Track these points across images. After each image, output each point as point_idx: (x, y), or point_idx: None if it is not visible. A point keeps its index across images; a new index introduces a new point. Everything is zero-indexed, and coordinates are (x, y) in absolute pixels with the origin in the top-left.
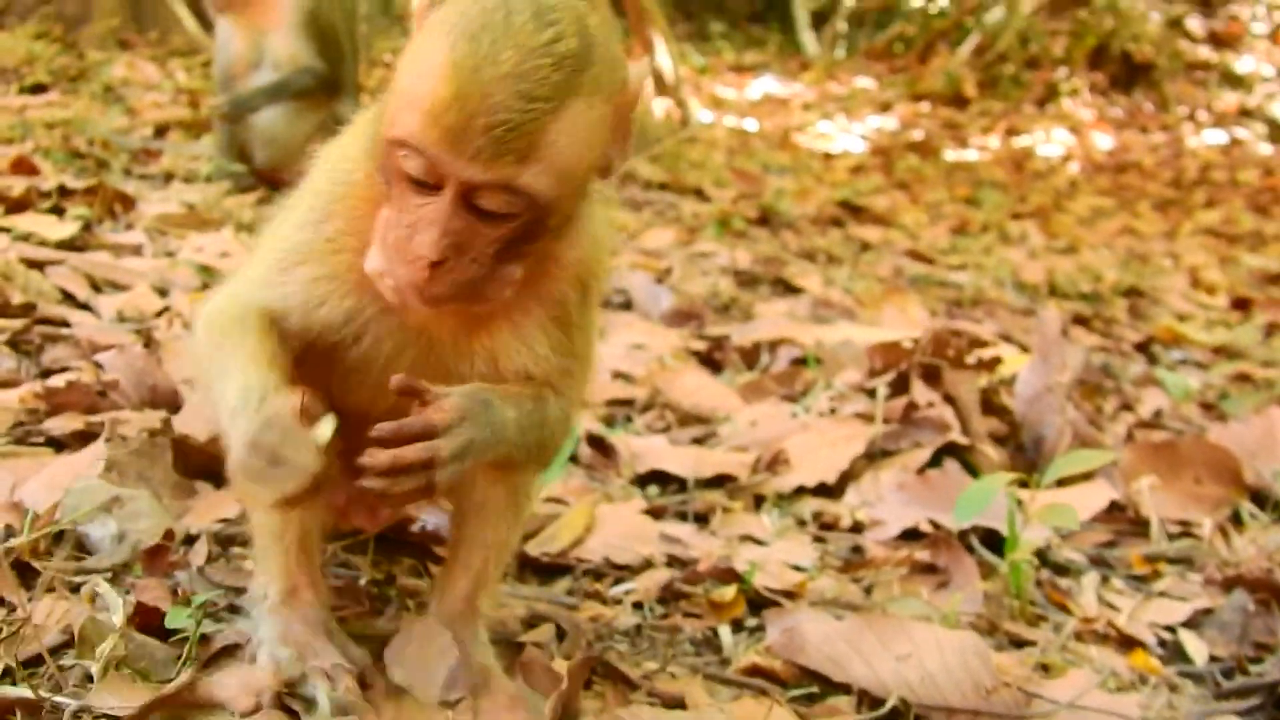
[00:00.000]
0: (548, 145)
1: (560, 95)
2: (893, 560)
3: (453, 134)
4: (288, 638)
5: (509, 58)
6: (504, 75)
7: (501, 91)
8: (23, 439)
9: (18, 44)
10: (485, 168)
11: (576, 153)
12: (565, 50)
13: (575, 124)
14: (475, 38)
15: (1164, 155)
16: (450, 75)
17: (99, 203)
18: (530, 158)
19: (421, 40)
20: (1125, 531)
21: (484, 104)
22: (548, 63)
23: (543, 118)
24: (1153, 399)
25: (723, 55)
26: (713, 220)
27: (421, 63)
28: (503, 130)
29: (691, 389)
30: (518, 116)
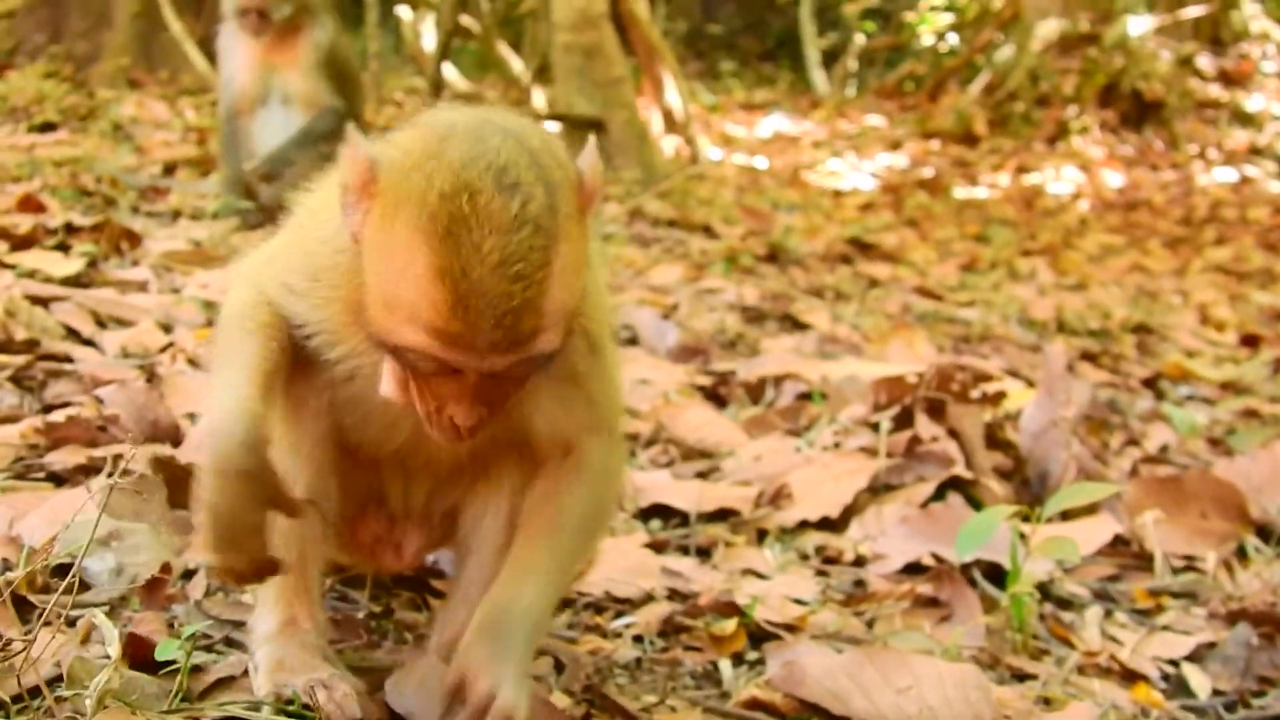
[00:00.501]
0: (551, 304)
1: (548, 253)
2: (895, 594)
3: (464, 341)
4: (284, 664)
5: (493, 246)
6: (495, 267)
7: (498, 284)
8: (23, 474)
9: (28, 83)
10: (504, 356)
11: (574, 288)
12: (537, 209)
13: (565, 266)
14: (451, 234)
15: (1174, 193)
16: (443, 283)
17: (105, 239)
18: (540, 327)
19: (390, 235)
20: (1129, 565)
21: (486, 303)
22: (528, 233)
23: (541, 285)
24: (1159, 434)
25: (733, 93)
26: (721, 257)
27: (402, 266)
28: (510, 319)
29: (696, 424)
30: (520, 301)
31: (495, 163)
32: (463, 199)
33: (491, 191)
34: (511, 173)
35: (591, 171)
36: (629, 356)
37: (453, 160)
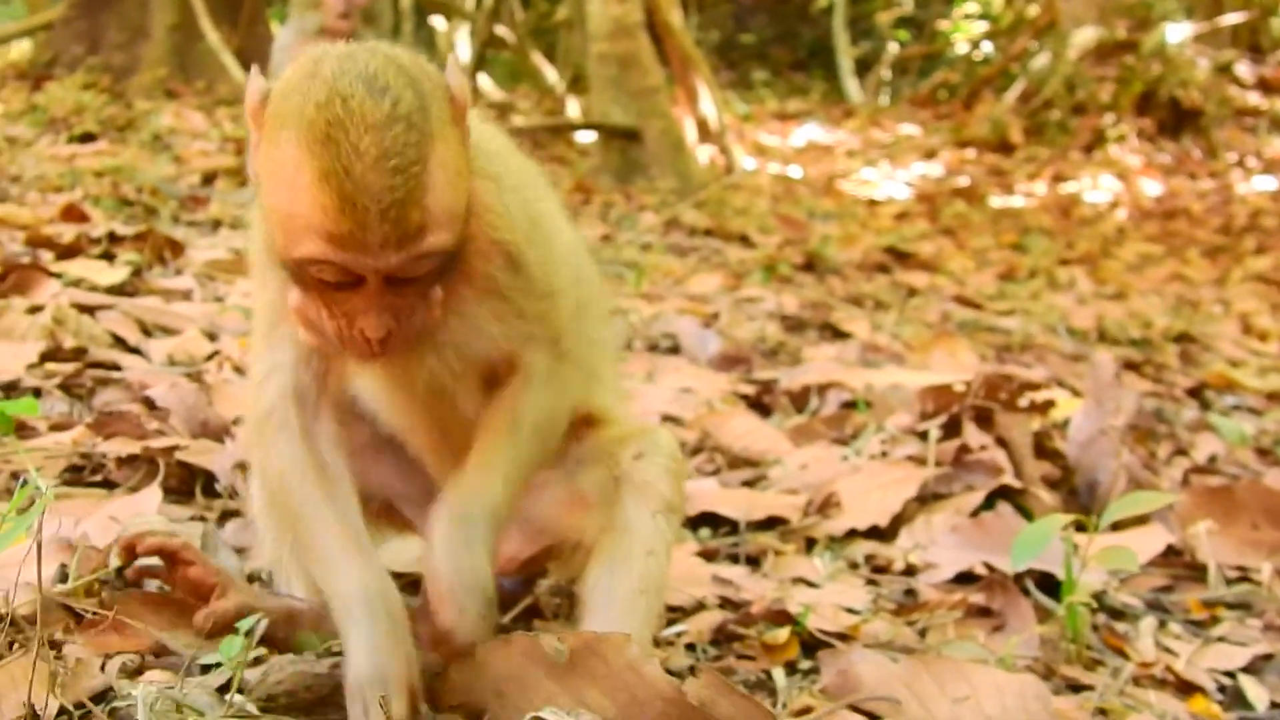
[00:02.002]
0: (434, 199)
1: (423, 149)
2: (947, 603)
3: (355, 237)
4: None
5: (369, 143)
6: (373, 162)
7: (379, 178)
8: (77, 480)
9: (67, 94)
10: (396, 252)
11: (454, 186)
12: (408, 108)
13: (444, 164)
14: (330, 139)
15: (1213, 201)
16: (328, 185)
17: (149, 249)
18: (428, 220)
19: (277, 153)
20: (1182, 576)
21: (370, 198)
22: (401, 129)
23: (420, 179)
24: (1207, 444)
25: (766, 103)
26: (759, 266)
27: (290, 179)
28: (396, 212)
29: (741, 432)
30: (402, 193)
31: (364, 72)
32: (337, 104)
33: (363, 95)
34: (381, 78)
35: (458, 83)
36: (671, 365)
37: (325, 74)
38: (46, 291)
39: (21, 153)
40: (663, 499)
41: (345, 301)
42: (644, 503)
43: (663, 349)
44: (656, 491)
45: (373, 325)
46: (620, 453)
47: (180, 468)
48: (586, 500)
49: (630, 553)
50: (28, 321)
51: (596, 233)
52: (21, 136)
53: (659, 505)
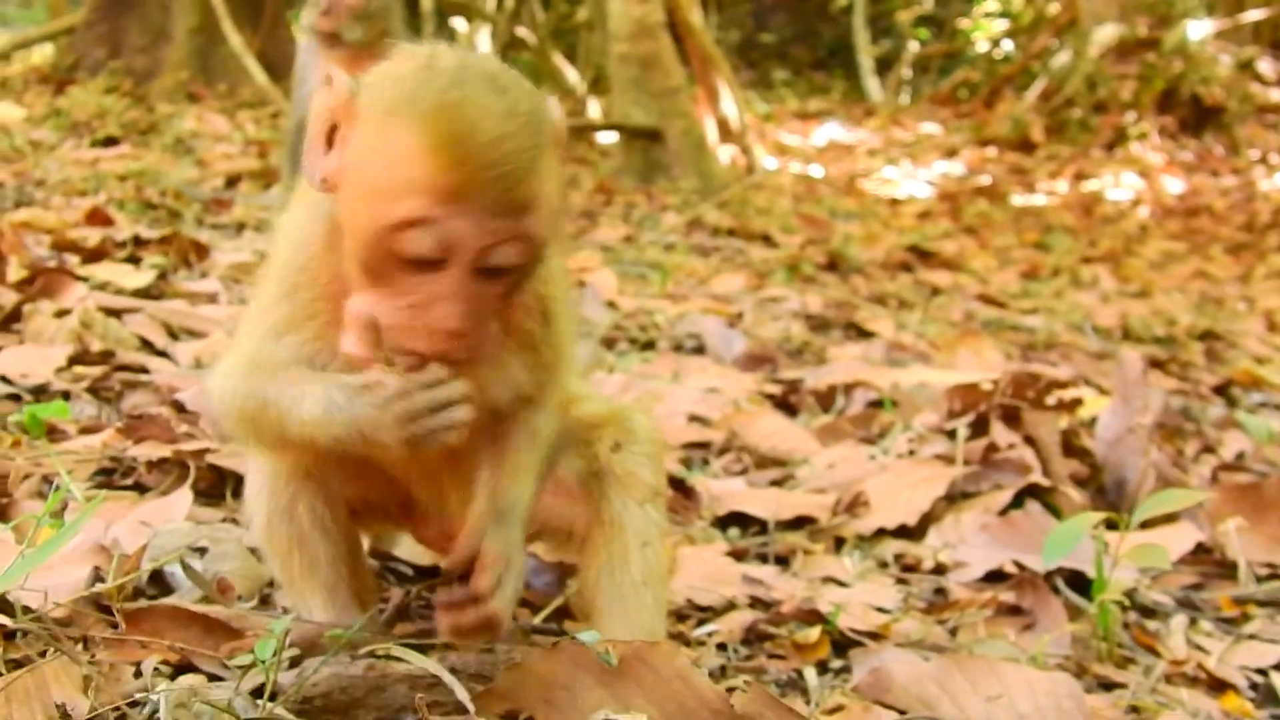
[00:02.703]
0: (540, 190)
1: (538, 144)
2: (977, 602)
3: (466, 197)
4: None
5: (488, 126)
6: (490, 141)
7: (496, 149)
8: (108, 484)
9: (89, 98)
10: (501, 222)
11: (552, 194)
12: (525, 109)
13: (548, 171)
14: (448, 116)
15: (1235, 199)
16: (441, 149)
17: (174, 252)
18: (531, 204)
19: (382, 136)
20: (1212, 574)
21: (486, 161)
22: (517, 125)
23: (531, 168)
24: (1234, 442)
25: (787, 102)
26: (782, 265)
27: (396, 149)
28: (510, 181)
29: (768, 432)
30: (515, 169)
31: (486, 71)
32: (456, 92)
33: (484, 89)
34: (501, 79)
35: (559, 117)
36: (697, 365)
37: (445, 68)
38: (73, 295)
39: (45, 157)
40: (647, 487)
41: (420, 288)
42: (629, 494)
43: (688, 349)
44: (640, 481)
45: (450, 314)
46: (597, 444)
47: (210, 471)
48: (568, 487)
49: (626, 548)
50: (56, 325)
51: (619, 233)
52: (45, 141)
53: (644, 494)
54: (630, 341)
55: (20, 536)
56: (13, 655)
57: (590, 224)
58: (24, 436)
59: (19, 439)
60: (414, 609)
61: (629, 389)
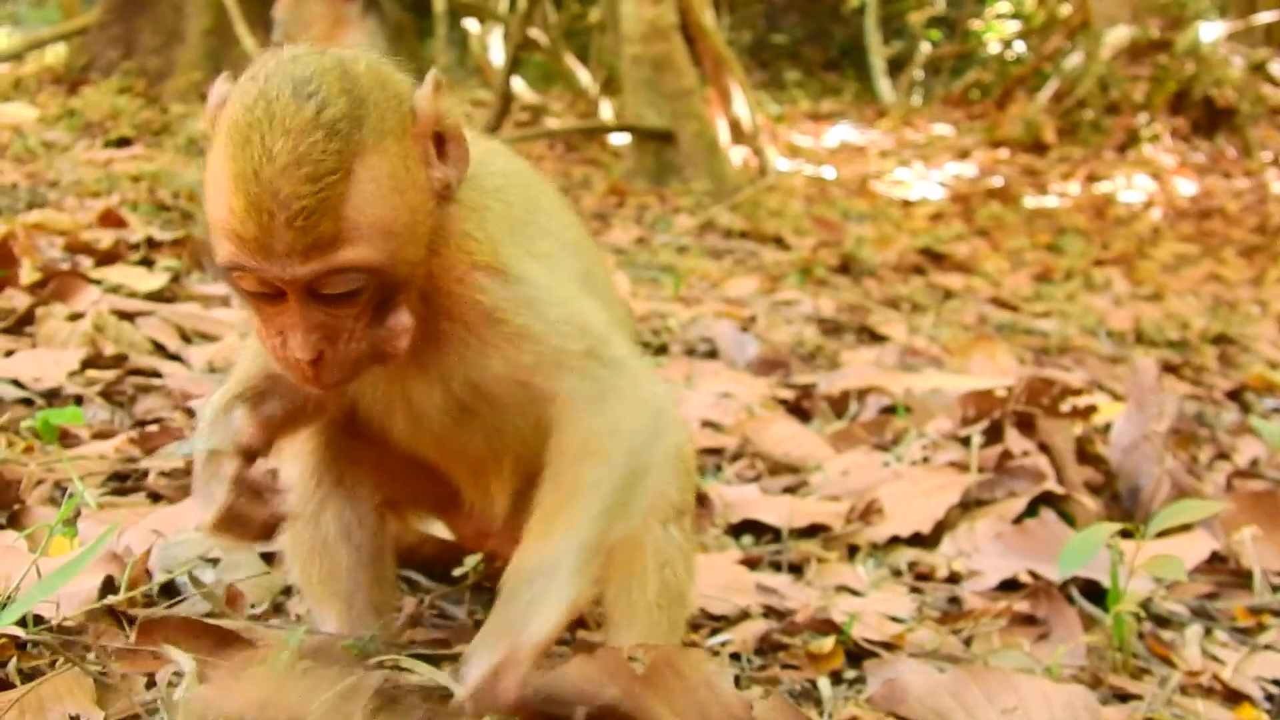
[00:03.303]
0: (354, 214)
1: (344, 161)
2: (992, 611)
3: (260, 244)
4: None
5: (282, 147)
6: (283, 167)
7: (286, 184)
8: (121, 490)
9: (102, 99)
10: (303, 262)
11: (388, 205)
12: (334, 115)
13: (374, 180)
14: (247, 140)
15: (1248, 201)
16: (237, 187)
17: (187, 254)
18: (343, 234)
19: (212, 157)
20: (1227, 583)
21: (276, 203)
22: (320, 136)
23: (335, 190)
24: (1249, 448)
25: (799, 103)
26: (794, 268)
27: (214, 182)
28: (302, 220)
29: (782, 438)
30: (310, 201)
31: (298, 75)
32: (259, 107)
33: (287, 98)
34: (313, 82)
35: (427, 98)
36: (710, 369)
37: (259, 76)
38: (86, 298)
39: (58, 157)
40: (672, 506)
41: (276, 317)
42: (652, 513)
43: (700, 353)
44: (664, 500)
45: (299, 343)
46: None
47: None
48: None
49: (645, 568)
50: (68, 328)
51: (631, 236)
52: (58, 141)
53: (668, 514)
54: (643, 345)
55: (33, 545)
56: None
57: (603, 226)
58: (36, 442)
59: (31, 444)
60: (427, 618)
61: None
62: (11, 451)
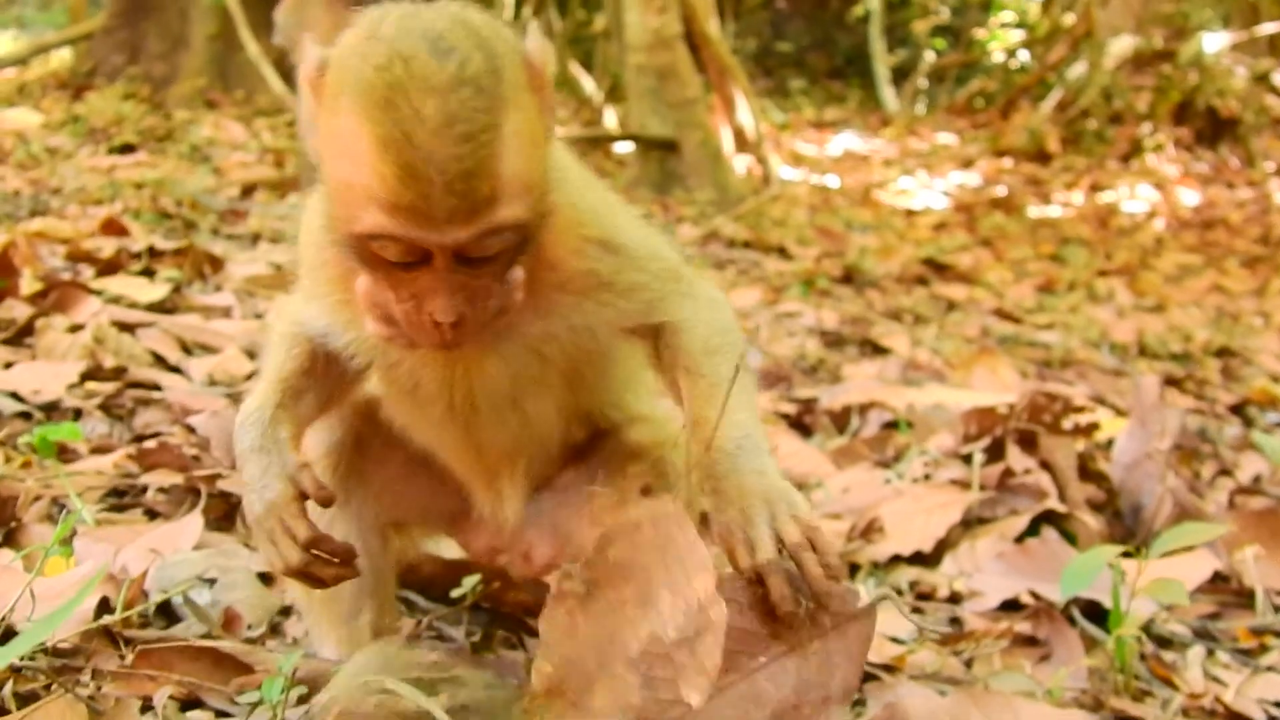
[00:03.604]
0: (506, 169)
1: (494, 115)
2: (993, 633)
3: (419, 211)
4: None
5: (433, 108)
6: (438, 128)
7: (443, 146)
8: (119, 506)
9: (107, 104)
10: (464, 226)
11: (529, 156)
12: (475, 70)
13: (518, 132)
14: (390, 103)
15: (1251, 211)
16: (385, 153)
17: (189, 264)
18: (499, 192)
19: (336, 122)
20: (1230, 603)
21: (434, 167)
22: (469, 93)
23: (491, 147)
24: (1251, 464)
25: (803, 111)
26: (797, 279)
27: (350, 148)
28: (462, 183)
29: (783, 454)
30: (470, 162)
31: (430, 31)
32: (397, 66)
33: (426, 55)
34: (448, 39)
35: (538, 49)
36: None
37: (386, 34)
38: (87, 309)
39: (62, 164)
40: None
41: (413, 282)
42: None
43: None
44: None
45: (442, 308)
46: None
47: (221, 497)
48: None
49: None
50: (69, 340)
51: None
52: (62, 147)
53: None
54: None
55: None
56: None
57: None
58: (34, 456)
59: (29, 459)
60: (425, 639)
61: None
62: (9, 467)
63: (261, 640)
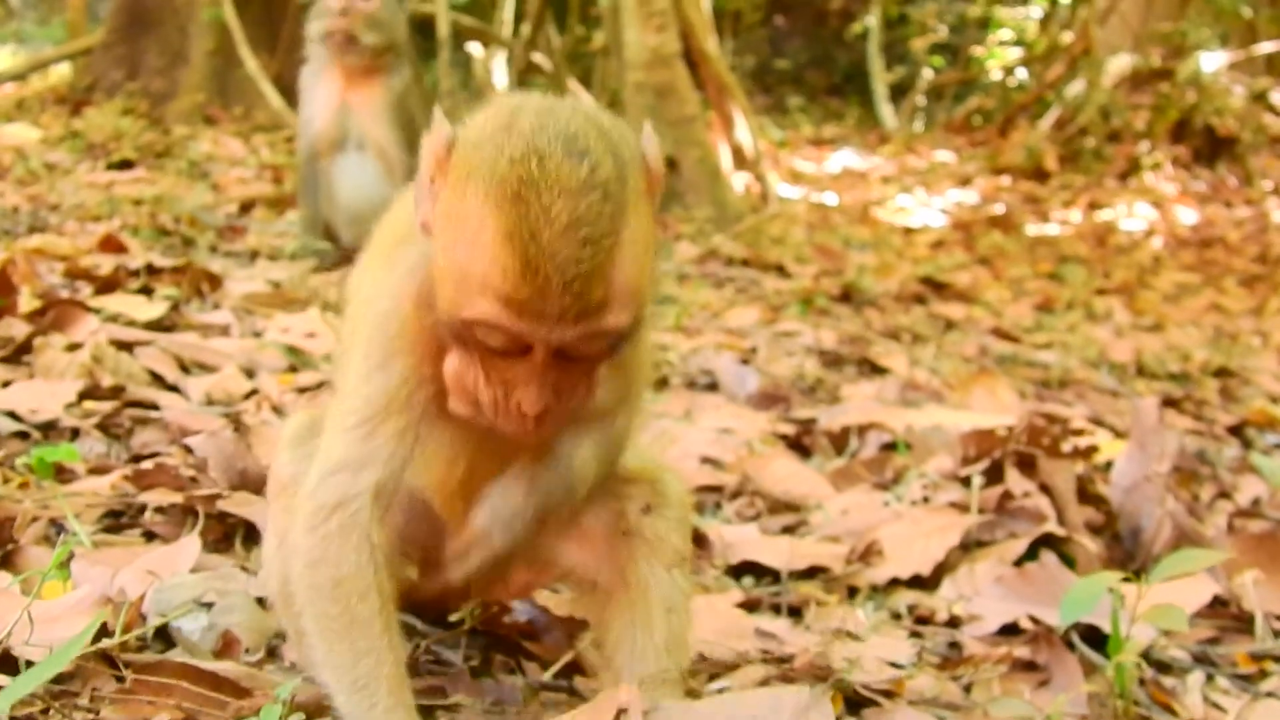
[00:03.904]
0: (620, 275)
1: (616, 221)
2: (992, 657)
3: (533, 306)
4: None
5: (561, 209)
6: (564, 230)
7: (567, 247)
8: (116, 527)
9: (106, 120)
10: (573, 326)
11: (641, 263)
12: (605, 175)
13: (634, 239)
14: (521, 198)
15: (1249, 230)
16: (512, 247)
17: (187, 282)
18: (609, 298)
19: (460, 205)
20: (1229, 628)
21: (554, 266)
22: (597, 198)
23: (610, 253)
24: (1250, 486)
25: (801, 128)
26: (795, 298)
27: (472, 235)
28: (580, 285)
29: (781, 476)
30: (589, 266)
31: (565, 131)
32: (532, 163)
33: (560, 156)
34: (581, 140)
35: (655, 154)
36: (710, 403)
37: (523, 129)
38: (85, 328)
39: (60, 179)
40: (676, 552)
41: (507, 370)
42: (657, 559)
43: (701, 385)
44: (669, 546)
45: (533, 399)
46: (627, 502)
47: (219, 518)
48: (594, 540)
49: (650, 612)
50: (66, 359)
51: None
52: (60, 163)
53: (672, 559)
54: None
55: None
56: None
57: None
58: (31, 476)
59: (26, 479)
60: (423, 664)
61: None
62: (6, 488)
63: (260, 664)
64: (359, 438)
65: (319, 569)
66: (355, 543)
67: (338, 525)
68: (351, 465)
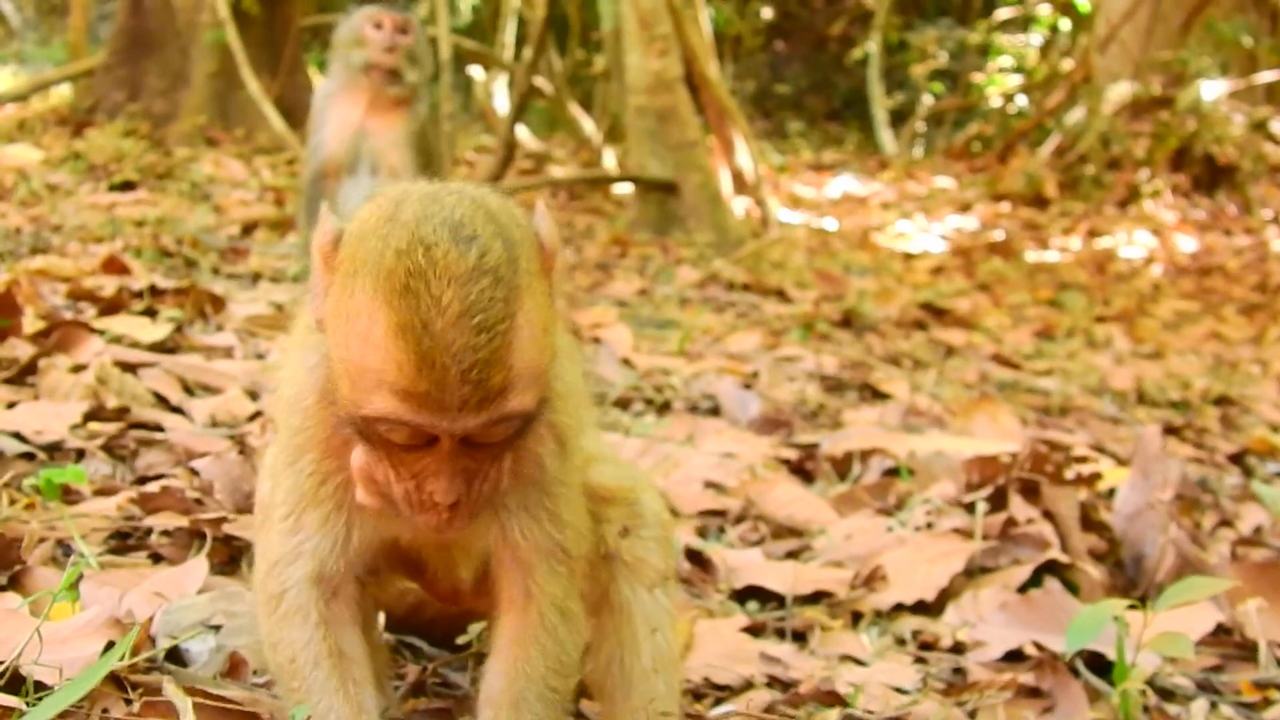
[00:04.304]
0: (518, 359)
1: (510, 305)
2: (997, 683)
3: (433, 399)
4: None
5: (452, 298)
6: (457, 318)
7: (461, 336)
8: (122, 549)
9: (107, 141)
10: (476, 414)
11: (539, 344)
12: (495, 260)
13: (530, 321)
14: (410, 290)
15: (1248, 259)
16: (405, 341)
17: (190, 304)
18: (510, 382)
19: (350, 301)
20: (1233, 655)
21: (451, 357)
22: (488, 283)
23: (506, 337)
24: (1252, 515)
25: (801, 154)
26: (797, 323)
27: (364, 330)
28: (478, 373)
29: (785, 500)
30: (486, 353)
31: (450, 218)
32: (419, 253)
33: (448, 244)
34: (468, 226)
35: (549, 232)
36: (713, 428)
37: (407, 218)
38: (89, 349)
39: (62, 201)
40: (657, 572)
41: (415, 462)
42: (638, 580)
43: (703, 410)
44: (649, 567)
45: (444, 490)
46: (605, 525)
47: (225, 541)
48: None
49: (635, 634)
50: (71, 380)
51: (634, 287)
52: (62, 184)
53: (654, 579)
54: (646, 403)
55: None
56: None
57: (605, 276)
58: (38, 498)
59: (33, 500)
60: (430, 686)
61: (646, 453)
62: (13, 509)
63: (268, 685)
64: (286, 531)
65: (278, 650)
66: (300, 623)
67: (283, 613)
68: (285, 559)
